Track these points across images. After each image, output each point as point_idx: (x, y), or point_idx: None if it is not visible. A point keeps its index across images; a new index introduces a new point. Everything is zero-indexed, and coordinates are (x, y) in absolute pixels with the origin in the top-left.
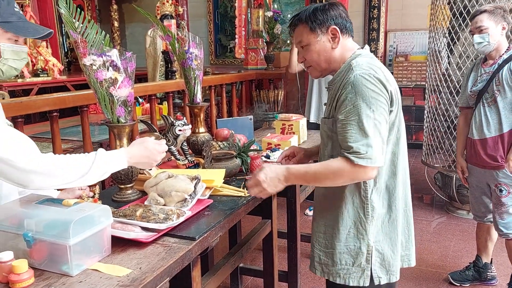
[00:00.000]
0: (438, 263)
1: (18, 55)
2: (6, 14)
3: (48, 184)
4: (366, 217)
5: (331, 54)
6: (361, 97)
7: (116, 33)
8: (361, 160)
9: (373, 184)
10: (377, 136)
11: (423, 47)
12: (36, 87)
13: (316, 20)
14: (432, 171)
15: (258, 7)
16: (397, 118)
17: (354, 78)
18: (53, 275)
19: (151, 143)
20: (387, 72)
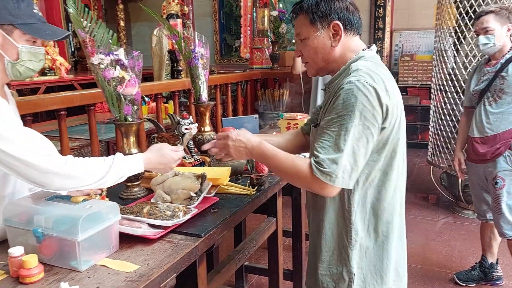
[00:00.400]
0: (443, 263)
1: (35, 56)
2: (25, 16)
3: (68, 186)
4: (349, 241)
5: (330, 53)
6: (347, 108)
7: (122, 33)
8: (320, 173)
9: (357, 204)
10: (349, 155)
11: (429, 47)
12: (43, 86)
13: (318, 11)
14: (437, 171)
15: (263, 6)
16: (391, 135)
17: (347, 85)
18: (62, 270)
19: (168, 151)
20: (389, 82)
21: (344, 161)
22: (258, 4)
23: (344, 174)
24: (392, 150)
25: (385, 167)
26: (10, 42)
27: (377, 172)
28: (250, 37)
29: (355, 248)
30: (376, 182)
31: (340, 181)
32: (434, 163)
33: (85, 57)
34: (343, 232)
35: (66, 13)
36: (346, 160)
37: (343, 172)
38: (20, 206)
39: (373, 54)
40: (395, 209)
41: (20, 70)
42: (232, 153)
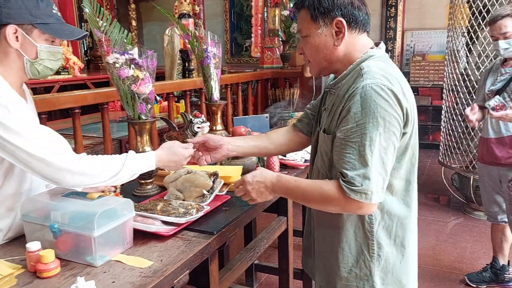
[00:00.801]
0: (454, 265)
1: (54, 55)
2: (44, 16)
3: (81, 183)
4: (371, 256)
5: (332, 52)
6: (368, 115)
7: (134, 32)
8: (353, 193)
9: (380, 216)
10: (379, 166)
11: (441, 47)
12: (57, 84)
13: (319, 7)
14: (449, 172)
15: (274, 6)
16: (411, 141)
17: (363, 89)
18: (78, 266)
19: (179, 148)
20: (403, 82)
21: (375, 174)
22: (269, 3)
23: (378, 188)
24: (412, 156)
25: (407, 175)
26: (30, 42)
27: (399, 180)
28: (260, 37)
29: (377, 262)
30: (400, 192)
31: (376, 197)
32: (445, 163)
33: (97, 56)
34: (363, 246)
35: (79, 13)
36: (376, 172)
37: (377, 186)
38: (37, 202)
39: (383, 53)
40: (416, 219)
41: (39, 69)
42: (255, 196)
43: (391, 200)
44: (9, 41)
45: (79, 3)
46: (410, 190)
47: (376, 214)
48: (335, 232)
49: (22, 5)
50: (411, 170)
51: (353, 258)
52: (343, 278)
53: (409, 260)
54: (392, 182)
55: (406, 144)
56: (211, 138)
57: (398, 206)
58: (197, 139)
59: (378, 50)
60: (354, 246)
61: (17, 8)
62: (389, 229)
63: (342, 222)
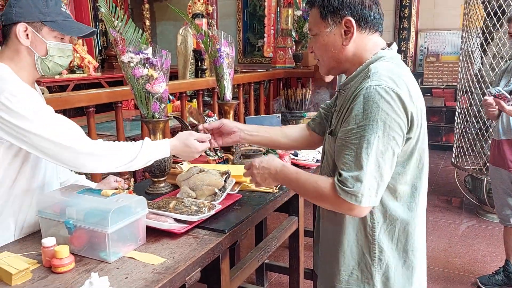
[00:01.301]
0: (466, 267)
1: (63, 52)
2: (53, 14)
3: (100, 167)
4: (372, 260)
5: (341, 51)
6: (369, 117)
7: (148, 32)
8: (344, 194)
9: (382, 220)
10: (374, 170)
11: (455, 47)
12: (72, 83)
13: (329, 5)
14: (462, 174)
15: (287, 6)
16: (418, 145)
17: (367, 90)
18: (92, 261)
19: (193, 141)
20: (412, 85)
21: (369, 178)
22: (282, 3)
23: (370, 192)
24: (419, 162)
25: (413, 180)
26: (39, 39)
27: (405, 186)
28: (273, 37)
29: (379, 266)
30: (405, 197)
31: (367, 201)
32: (458, 165)
33: (112, 56)
34: (365, 250)
35: (94, 12)
36: (371, 176)
37: (369, 190)
38: (53, 198)
39: (394, 54)
40: (424, 225)
41: (49, 66)
42: (259, 180)
43: (395, 205)
44: (20, 38)
45: (94, 3)
46: (416, 197)
47: (378, 218)
48: (337, 234)
49: (32, 4)
50: (418, 176)
51: (355, 261)
52: (343, 281)
53: (413, 267)
54: (396, 187)
55: (412, 149)
56: (226, 124)
57: (402, 212)
58: (213, 124)
59: (389, 51)
60: (356, 249)
61: (27, 7)
62: (392, 233)
63: (345, 225)
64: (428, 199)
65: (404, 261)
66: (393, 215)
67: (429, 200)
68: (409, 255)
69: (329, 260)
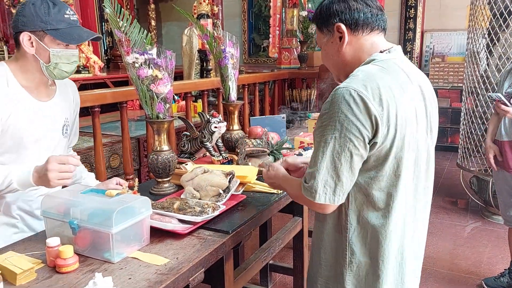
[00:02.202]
0: (471, 269)
1: (68, 59)
2: (55, 22)
3: None
4: (344, 261)
5: (339, 58)
6: (330, 118)
7: (153, 32)
8: (303, 189)
9: (356, 222)
10: (330, 169)
11: (461, 48)
12: (77, 83)
13: (320, 17)
14: (467, 175)
15: (292, 6)
16: (393, 153)
17: (335, 92)
18: (96, 262)
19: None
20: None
21: (322, 176)
22: (287, 4)
23: (326, 190)
24: (396, 170)
25: (388, 188)
26: (43, 47)
27: (378, 192)
28: (278, 37)
29: (350, 269)
30: (379, 204)
31: (322, 197)
32: (464, 166)
33: (117, 56)
34: (339, 249)
35: (100, 13)
36: (325, 174)
37: (324, 187)
38: (57, 199)
39: (387, 57)
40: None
41: (54, 72)
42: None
43: (369, 210)
44: (25, 47)
45: (100, 3)
46: (390, 205)
47: (352, 219)
48: (321, 224)
49: (34, 13)
50: (395, 183)
51: (333, 258)
52: (323, 275)
53: (383, 278)
54: (370, 192)
55: (385, 155)
56: (291, 164)
57: (375, 218)
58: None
59: (383, 55)
60: (334, 247)
61: (30, 16)
62: (365, 238)
63: (326, 222)
64: (433, 200)
65: (374, 270)
66: (366, 220)
67: (434, 201)
68: (379, 264)
69: (314, 253)
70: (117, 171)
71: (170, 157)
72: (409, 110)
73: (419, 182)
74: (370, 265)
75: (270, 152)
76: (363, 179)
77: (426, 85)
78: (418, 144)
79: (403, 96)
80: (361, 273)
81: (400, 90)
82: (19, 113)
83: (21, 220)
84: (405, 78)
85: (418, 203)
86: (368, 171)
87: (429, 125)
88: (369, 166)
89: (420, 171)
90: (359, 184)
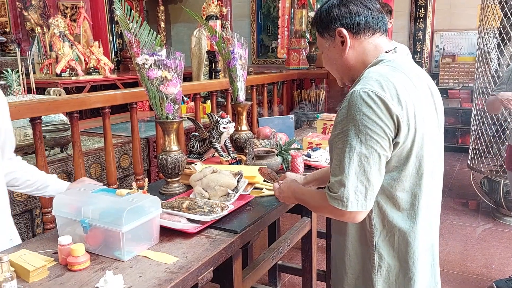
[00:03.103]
0: (482, 271)
1: None
2: None
3: None
4: (372, 266)
5: (342, 62)
6: (351, 122)
7: (162, 33)
8: (331, 199)
9: (381, 227)
10: (359, 174)
11: (471, 48)
12: (88, 84)
13: (321, 23)
14: (478, 176)
15: (301, 7)
16: (414, 151)
17: (351, 95)
18: (107, 260)
19: None
20: (405, 89)
21: (352, 182)
22: (296, 5)
23: (357, 196)
24: (418, 169)
25: (412, 188)
26: None
27: (403, 193)
28: (287, 38)
29: (379, 273)
30: (404, 205)
31: (355, 205)
32: (474, 167)
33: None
34: (366, 255)
35: (110, 15)
36: (354, 180)
37: (355, 193)
38: (69, 198)
39: (394, 57)
40: (432, 233)
41: None
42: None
43: (393, 212)
44: None
45: (111, 5)
46: (416, 205)
47: (376, 223)
48: (342, 237)
49: None
50: (418, 183)
51: (360, 265)
52: (351, 284)
53: (415, 279)
54: (394, 194)
55: (407, 155)
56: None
57: (400, 220)
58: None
59: (389, 55)
60: (360, 253)
61: None
62: (392, 241)
63: (349, 228)
64: (444, 201)
65: (405, 271)
66: (392, 222)
67: (444, 202)
68: (409, 266)
69: (337, 263)
70: (127, 171)
71: (179, 157)
72: (424, 108)
73: (435, 180)
74: (400, 268)
75: (279, 153)
76: (385, 181)
77: (431, 82)
78: (433, 141)
79: (417, 94)
80: (391, 277)
81: (413, 88)
82: None
83: None
84: (415, 77)
85: (436, 201)
86: (390, 172)
87: (439, 122)
88: (391, 167)
89: (436, 167)
90: (381, 187)
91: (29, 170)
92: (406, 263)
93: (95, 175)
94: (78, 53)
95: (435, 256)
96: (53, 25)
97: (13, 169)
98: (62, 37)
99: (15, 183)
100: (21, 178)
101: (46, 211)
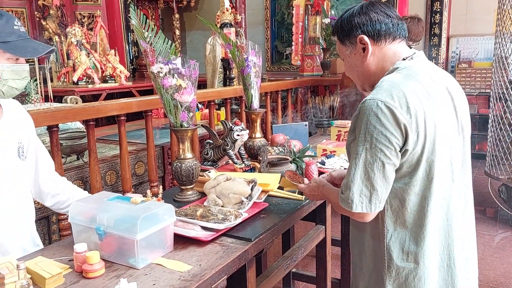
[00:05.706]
0: (500, 280)
1: (18, 74)
2: (4, 34)
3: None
4: (383, 265)
5: (364, 68)
6: (360, 130)
7: (177, 41)
8: (340, 200)
9: (393, 228)
10: (364, 179)
11: (488, 53)
12: (104, 92)
13: (342, 30)
14: (496, 183)
15: (315, 14)
16: (424, 157)
17: (363, 104)
18: (121, 267)
19: None
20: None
21: (357, 186)
22: (310, 11)
23: (361, 199)
24: (429, 173)
25: (423, 191)
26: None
27: (414, 196)
28: (301, 45)
29: (389, 274)
30: (415, 207)
31: (359, 206)
32: (492, 174)
33: (143, 65)
34: (378, 255)
35: (126, 24)
36: (359, 184)
37: (359, 196)
38: (84, 206)
39: (409, 64)
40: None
41: (3, 90)
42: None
43: (405, 214)
44: None
45: (127, 14)
46: (425, 207)
47: (389, 225)
48: (360, 236)
49: None
50: (428, 186)
51: (373, 263)
52: (365, 280)
53: (425, 278)
54: (405, 198)
55: (418, 160)
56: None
57: (411, 221)
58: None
59: (405, 62)
60: (373, 252)
61: None
62: (402, 242)
63: (365, 228)
64: None
65: (416, 271)
66: (403, 224)
67: None
68: (420, 267)
69: (355, 259)
70: (142, 178)
71: (193, 165)
72: (437, 113)
73: (456, 182)
74: (409, 269)
75: (292, 160)
76: (398, 185)
77: (453, 85)
78: (451, 145)
79: (430, 100)
80: (401, 278)
81: (426, 95)
82: None
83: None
84: (430, 82)
85: (459, 203)
86: (402, 177)
87: (460, 124)
88: (403, 172)
89: (454, 170)
90: (394, 191)
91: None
92: (417, 263)
93: (111, 182)
94: (94, 61)
95: (453, 255)
96: (70, 34)
97: (57, 191)
98: (79, 45)
99: (60, 206)
100: (66, 202)
101: (62, 218)
